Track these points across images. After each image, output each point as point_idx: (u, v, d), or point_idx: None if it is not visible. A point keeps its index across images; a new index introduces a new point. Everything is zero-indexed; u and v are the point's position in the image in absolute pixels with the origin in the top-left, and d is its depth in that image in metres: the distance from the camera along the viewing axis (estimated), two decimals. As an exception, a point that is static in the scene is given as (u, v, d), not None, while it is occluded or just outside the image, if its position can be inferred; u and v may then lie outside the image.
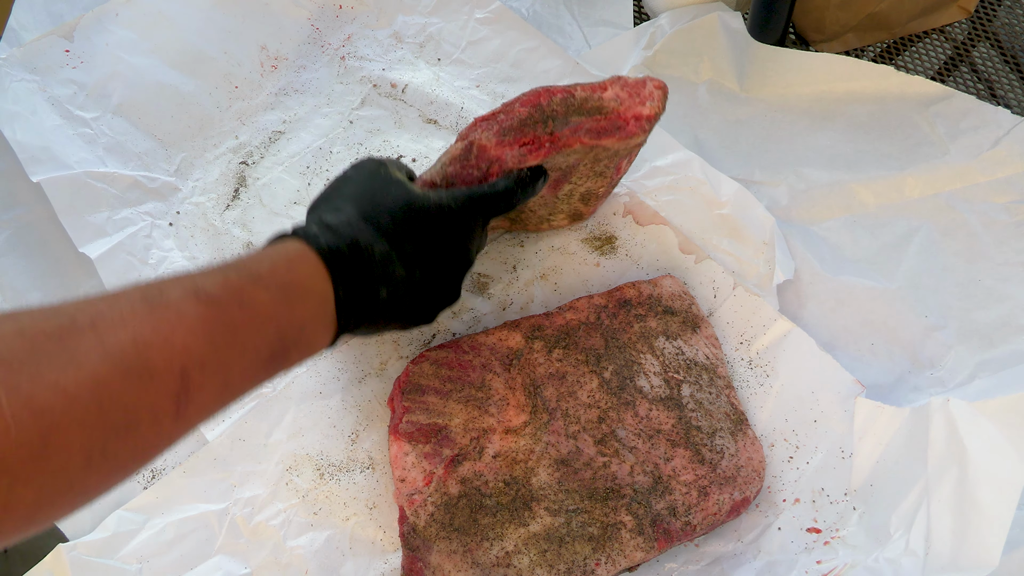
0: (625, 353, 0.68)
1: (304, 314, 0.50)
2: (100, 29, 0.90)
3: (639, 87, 0.66)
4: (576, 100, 0.64)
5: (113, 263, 0.77)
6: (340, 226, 0.54)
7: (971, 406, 0.59)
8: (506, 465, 0.63)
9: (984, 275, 0.74)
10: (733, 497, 0.62)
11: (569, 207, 0.74)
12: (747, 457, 0.64)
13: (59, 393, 0.36)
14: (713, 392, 0.67)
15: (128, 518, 0.64)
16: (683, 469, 0.63)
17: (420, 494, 0.62)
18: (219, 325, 0.44)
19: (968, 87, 0.90)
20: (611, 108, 0.64)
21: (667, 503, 0.61)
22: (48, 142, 0.82)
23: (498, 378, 0.67)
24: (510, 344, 0.69)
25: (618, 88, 0.65)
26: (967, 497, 0.57)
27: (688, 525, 0.61)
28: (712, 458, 0.63)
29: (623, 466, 0.63)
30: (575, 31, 0.96)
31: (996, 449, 0.57)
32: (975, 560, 0.55)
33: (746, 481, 0.63)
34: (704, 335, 0.70)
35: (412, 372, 0.67)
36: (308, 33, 0.95)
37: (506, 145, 0.62)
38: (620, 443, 0.64)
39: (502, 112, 0.63)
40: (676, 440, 0.64)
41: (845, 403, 0.66)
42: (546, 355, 0.68)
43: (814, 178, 0.81)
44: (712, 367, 0.68)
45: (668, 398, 0.66)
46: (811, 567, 0.60)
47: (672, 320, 0.70)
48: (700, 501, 0.62)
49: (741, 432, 0.65)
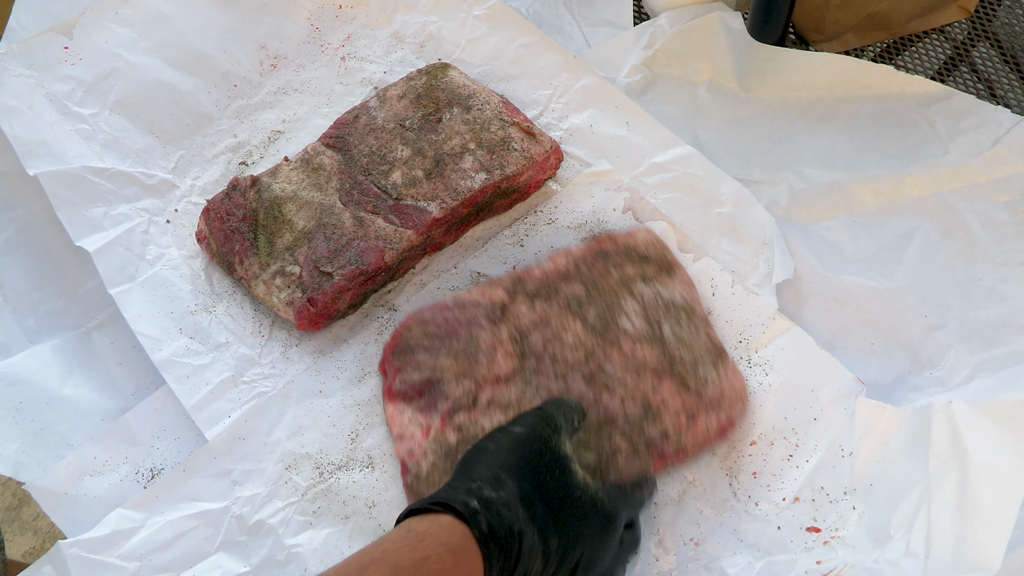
0: (606, 297, 0.70)
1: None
2: (99, 27, 0.90)
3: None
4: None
5: (111, 257, 0.77)
6: (500, 506, 0.51)
7: (973, 408, 0.59)
8: (500, 410, 0.65)
9: (984, 275, 0.74)
10: (720, 420, 0.65)
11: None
12: (729, 384, 0.66)
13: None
14: (692, 329, 0.69)
15: (128, 516, 0.64)
16: (671, 397, 0.65)
17: (419, 447, 0.63)
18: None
19: (968, 87, 0.90)
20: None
21: (659, 428, 0.64)
22: (45, 137, 0.82)
23: (484, 331, 0.68)
24: (493, 298, 0.70)
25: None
26: (969, 499, 0.57)
27: (680, 447, 0.64)
28: (697, 386, 0.66)
29: (614, 398, 0.65)
30: (575, 31, 0.96)
31: (998, 452, 0.57)
32: (976, 563, 0.55)
33: (730, 405, 0.66)
34: (679, 278, 0.72)
35: (400, 335, 0.68)
36: (308, 33, 0.94)
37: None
38: (609, 377, 0.66)
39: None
40: (662, 372, 0.66)
41: (845, 401, 0.66)
42: (529, 306, 0.70)
43: (814, 178, 0.81)
44: (689, 306, 0.70)
45: (650, 336, 0.68)
46: (811, 567, 0.59)
47: (648, 266, 0.72)
48: (689, 425, 0.64)
49: (722, 363, 0.67)
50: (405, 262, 0.77)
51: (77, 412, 0.72)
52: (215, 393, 0.70)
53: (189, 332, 0.74)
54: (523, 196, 0.82)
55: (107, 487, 0.68)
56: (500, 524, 0.49)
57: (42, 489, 0.67)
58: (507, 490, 0.52)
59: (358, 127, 0.81)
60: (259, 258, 0.74)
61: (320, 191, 0.77)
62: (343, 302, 0.73)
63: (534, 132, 0.80)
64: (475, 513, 0.49)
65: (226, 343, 0.74)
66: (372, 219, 0.75)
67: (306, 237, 0.74)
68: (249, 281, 0.74)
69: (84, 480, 0.68)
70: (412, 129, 0.81)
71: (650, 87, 0.89)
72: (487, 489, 0.51)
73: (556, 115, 0.86)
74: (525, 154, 0.78)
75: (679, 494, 0.65)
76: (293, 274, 0.73)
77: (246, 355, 0.73)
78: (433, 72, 0.85)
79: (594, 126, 0.84)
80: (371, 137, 0.80)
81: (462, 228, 0.80)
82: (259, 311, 0.76)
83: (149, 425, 0.71)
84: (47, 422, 0.72)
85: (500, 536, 0.49)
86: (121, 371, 0.75)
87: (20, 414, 0.72)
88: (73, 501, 0.67)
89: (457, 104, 0.82)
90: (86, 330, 0.77)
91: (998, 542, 0.55)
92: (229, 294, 0.77)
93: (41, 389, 0.73)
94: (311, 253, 0.73)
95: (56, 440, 0.71)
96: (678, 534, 0.63)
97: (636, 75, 0.88)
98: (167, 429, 0.70)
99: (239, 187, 0.78)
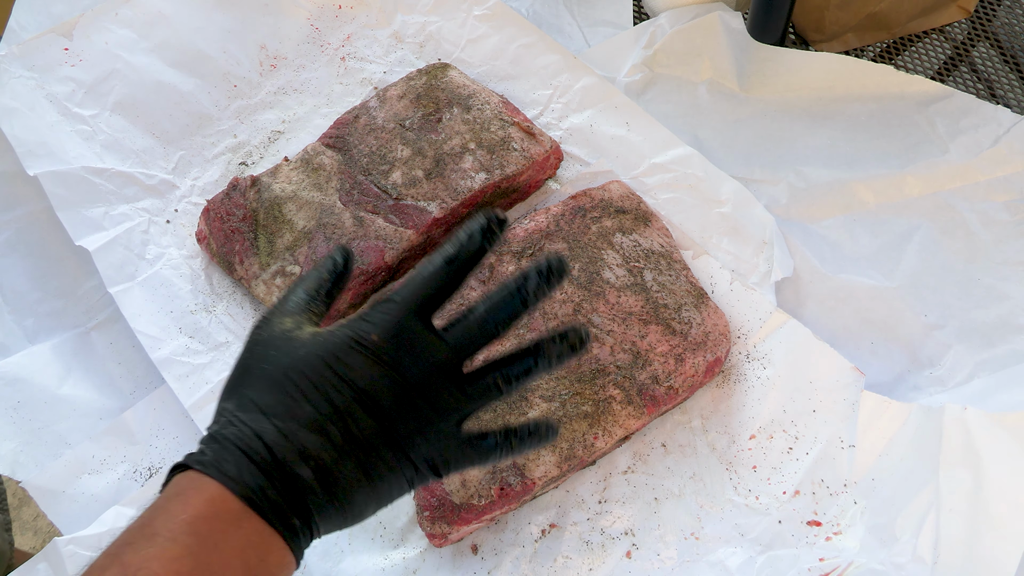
0: (588, 251, 0.73)
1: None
2: (99, 28, 0.90)
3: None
4: None
5: (110, 257, 0.77)
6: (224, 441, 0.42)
7: (990, 417, 0.59)
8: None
9: (983, 274, 0.74)
10: (707, 359, 0.68)
11: None
12: (712, 324, 0.69)
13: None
14: (672, 275, 0.72)
15: (125, 514, 0.64)
16: (658, 342, 0.68)
17: None
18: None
19: (968, 87, 0.90)
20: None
21: (649, 373, 0.67)
22: (46, 138, 0.82)
23: (474, 291, 0.71)
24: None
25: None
26: (981, 509, 0.56)
27: (671, 389, 0.66)
28: (682, 329, 0.69)
29: (604, 348, 0.68)
30: (575, 31, 0.96)
31: (1015, 464, 0.57)
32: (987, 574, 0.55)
33: (715, 343, 0.68)
34: (656, 227, 0.75)
35: None
36: (307, 33, 0.94)
37: None
38: (598, 328, 0.69)
39: None
40: (647, 319, 0.69)
41: (844, 392, 0.66)
42: (516, 264, 0.72)
43: (814, 177, 0.81)
44: (668, 253, 0.73)
45: (633, 284, 0.71)
46: (814, 563, 0.59)
47: (625, 218, 0.75)
48: (678, 367, 0.67)
49: (704, 304, 0.70)
50: (405, 262, 0.77)
51: (76, 411, 0.72)
52: (215, 392, 0.70)
53: (189, 331, 0.74)
54: (523, 196, 0.82)
55: (105, 486, 0.68)
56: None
57: (40, 487, 0.67)
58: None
59: (358, 127, 0.81)
60: (259, 258, 0.74)
61: (320, 191, 0.77)
62: (343, 302, 0.73)
63: (534, 132, 0.80)
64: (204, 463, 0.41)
65: (226, 343, 0.74)
66: (372, 219, 0.75)
67: (306, 237, 0.74)
68: (249, 281, 0.74)
69: (82, 479, 0.68)
70: (412, 129, 0.81)
71: (650, 87, 0.89)
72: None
73: (556, 115, 0.86)
74: (525, 154, 0.79)
75: (679, 488, 0.65)
76: (293, 274, 0.73)
77: (245, 355, 0.73)
78: (433, 72, 0.85)
79: (594, 126, 0.84)
80: (371, 137, 0.80)
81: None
82: (259, 311, 0.76)
83: (148, 424, 0.71)
84: (45, 421, 0.72)
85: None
86: (120, 371, 0.75)
87: (18, 413, 0.72)
88: (71, 500, 0.67)
89: (457, 104, 0.82)
90: (85, 330, 0.77)
91: (1011, 555, 0.54)
92: (229, 294, 0.77)
93: (40, 388, 0.73)
94: (311, 253, 0.73)
95: (54, 439, 0.71)
96: (679, 528, 0.63)
97: (636, 75, 0.88)
98: (166, 428, 0.70)
99: (239, 187, 0.78)
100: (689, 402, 0.69)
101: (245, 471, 0.40)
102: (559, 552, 0.63)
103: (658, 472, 0.66)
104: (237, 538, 0.39)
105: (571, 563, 0.62)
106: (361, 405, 0.42)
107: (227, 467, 0.40)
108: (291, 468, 0.41)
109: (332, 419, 0.42)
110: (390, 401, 0.43)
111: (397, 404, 0.43)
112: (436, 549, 0.63)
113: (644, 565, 0.61)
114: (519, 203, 0.82)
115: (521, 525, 0.64)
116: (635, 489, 0.65)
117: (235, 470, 0.40)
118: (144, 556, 0.37)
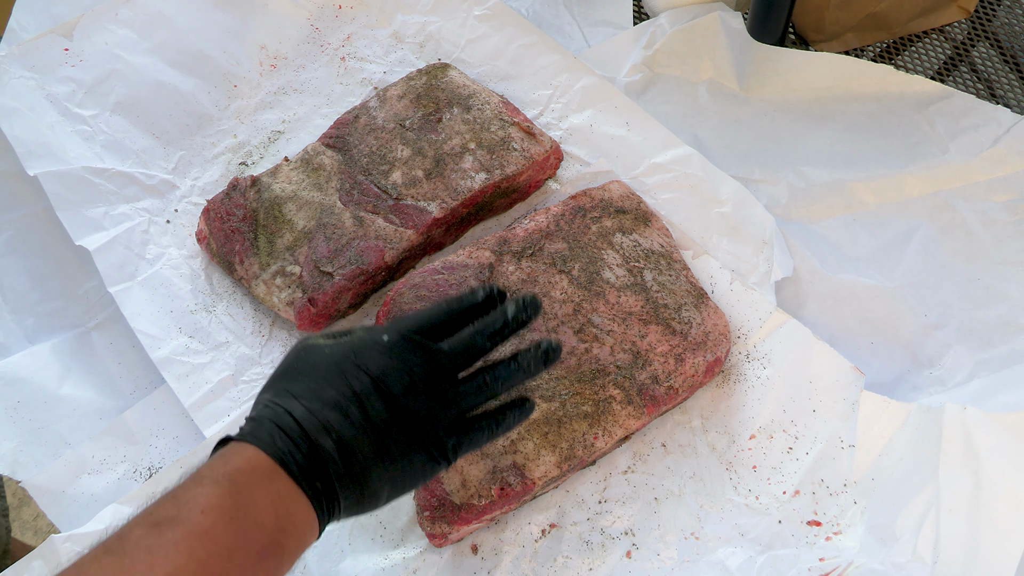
0: (588, 252, 0.73)
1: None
2: (99, 28, 0.90)
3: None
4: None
5: (110, 256, 0.77)
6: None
7: (990, 417, 0.59)
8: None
9: (983, 274, 0.74)
10: (706, 359, 0.68)
11: None
12: (712, 324, 0.69)
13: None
14: (672, 274, 0.72)
15: (122, 512, 0.63)
16: (658, 342, 0.68)
17: None
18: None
19: (968, 87, 0.90)
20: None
21: (649, 373, 0.67)
22: (46, 138, 0.82)
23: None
24: (481, 260, 0.72)
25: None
26: (982, 510, 0.56)
27: (671, 389, 0.66)
28: (682, 329, 0.69)
29: (604, 348, 0.68)
30: (575, 31, 0.96)
31: (1015, 464, 0.57)
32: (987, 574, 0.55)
33: (715, 343, 0.68)
34: (656, 227, 0.75)
35: (393, 300, 0.69)
36: (308, 33, 0.95)
37: None
38: (597, 328, 0.69)
39: None
40: (647, 318, 0.69)
41: (844, 391, 0.66)
42: (516, 264, 0.72)
43: (814, 177, 0.81)
44: (668, 253, 0.73)
45: (633, 284, 0.71)
46: (814, 563, 0.59)
47: (625, 218, 0.75)
48: (678, 367, 0.67)
49: (703, 304, 0.70)
50: (405, 262, 0.77)
51: (75, 411, 0.72)
52: (214, 392, 0.70)
53: (189, 331, 0.74)
54: (523, 196, 0.82)
55: (105, 485, 0.68)
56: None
57: (39, 487, 0.67)
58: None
59: (358, 127, 0.81)
60: (259, 258, 0.74)
61: (320, 191, 0.77)
62: (343, 302, 0.73)
63: (534, 132, 0.80)
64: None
65: (226, 343, 0.74)
66: (372, 219, 0.75)
67: (306, 237, 0.74)
68: (249, 281, 0.74)
69: (82, 478, 0.68)
70: (412, 129, 0.81)
71: (650, 87, 0.89)
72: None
73: (556, 115, 0.86)
74: (525, 154, 0.79)
75: (679, 488, 0.65)
76: (293, 274, 0.73)
77: (246, 355, 0.73)
78: (433, 72, 0.85)
79: (594, 126, 0.84)
80: (371, 137, 0.80)
81: (462, 228, 0.80)
82: (259, 311, 0.76)
83: (147, 424, 0.71)
84: (45, 421, 0.72)
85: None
86: (120, 371, 0.75)
87: (18, 413, 0.72)
88: (70, 499, 0.67)
89: (457, 104, 0.82)
90: (85, 330, 0.77)
91: (1011, 556, 0.55)
92: (229, 294, 0.77)
93: (40, 388, 0.73)
94: (311, 253, 0.73)
95: (54, 439, 0.71)
96: (679, 528, 0.63)
97: (636, 75, 0.88)
98: (165, 428, 0.70)
99: (239, 187, 0.78)
100: (689, 402, 0.69)
101: (277, 438, 0.48)
102: (559, 552, 0.63)
103: (658, 472, 0.66)
104: (269, 490, 0.46)
105: (571, 563, 0.62)
106: (376, 390, 0.50)
107: (262, 435, 0.48)
108: (315, 439, 0.48)
109: (352, 401, 0.50)
110: (400, 389, 0.51)
111: (406, 392, 0.51)
112: (436, 549, 0.63)
113: (644, 565, 0.61)
114: (519, 203, 0.82)
115: (521, 525, 0.64)
116: (635, 489, 0.65)
117: (268, 437, 0.48)
118: (193, 493, 0.45)
